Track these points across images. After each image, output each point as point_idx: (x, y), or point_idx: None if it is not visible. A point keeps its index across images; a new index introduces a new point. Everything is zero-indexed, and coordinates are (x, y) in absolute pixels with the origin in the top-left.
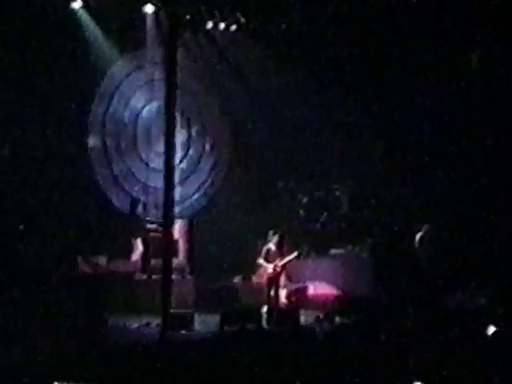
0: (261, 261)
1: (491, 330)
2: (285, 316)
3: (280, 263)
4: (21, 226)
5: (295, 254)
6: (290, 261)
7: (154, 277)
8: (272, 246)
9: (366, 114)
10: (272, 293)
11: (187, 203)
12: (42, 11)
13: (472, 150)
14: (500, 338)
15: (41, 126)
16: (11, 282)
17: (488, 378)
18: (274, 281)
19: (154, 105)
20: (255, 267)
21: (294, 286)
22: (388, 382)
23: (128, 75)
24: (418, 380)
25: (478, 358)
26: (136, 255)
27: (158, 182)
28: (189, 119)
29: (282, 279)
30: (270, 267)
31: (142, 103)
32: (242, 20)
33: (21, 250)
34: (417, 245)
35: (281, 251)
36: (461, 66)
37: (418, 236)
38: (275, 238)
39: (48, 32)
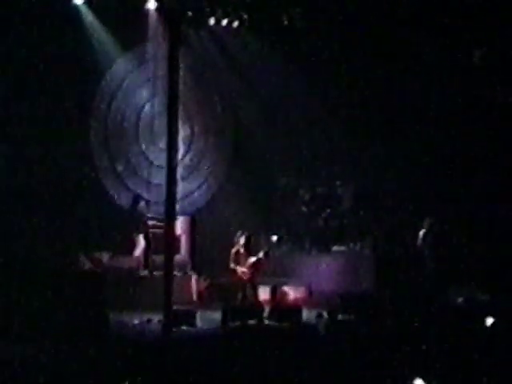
0: (232, 265)
1: (489, 321)
2: (286, 312)
3: (247, 264)
4: (23, 223)
5: (261, 254)
6: (259, 260)
7: (155, 273)
8: (240, 247)
9: (367, 111)
10: (248, 293)
11: (189, 199)
12: (44, 7)
13: (475, 146)
14: (501, 334)
15: (42, 123)
16: (13, 279)
17: (488, 376)
18: (246, 282)
19: (157, 101)
20: (229, 271)
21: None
22: (389, 378)
23: (130, 71)
24: (418, 377)
25: (480, 355)
26: (138, 251)
27: (160, 178)
28: (191, 115)
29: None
30: (240, 269)
31: (145, 99)
32: (245, 16)
33: (22, 246)
34: (420, 241)
35: (248, 252)
36: (463, 64)
37: (421, 232)
38: (242, 239)
39: (50, 28)
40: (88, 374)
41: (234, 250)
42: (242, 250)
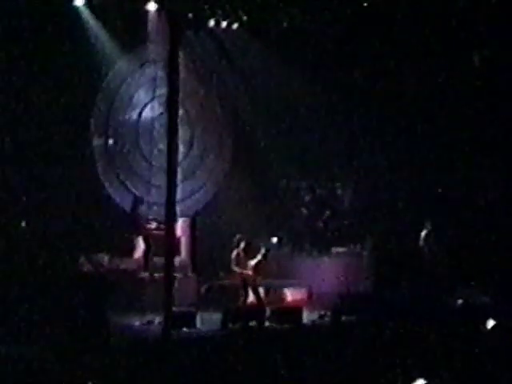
0: (234, 267)
1: (490, 323)
2: (287, 314)
3: (249, 267)
4: (23, 224)
5: (259, 256)
6: (260, 262)
7: (156, 275)
8: (240, 251)
9: (367, 112)
10: (250, 294)
11: (190, 201)
12: (44, 9)
13: (475, 147)
14: (502, 335)
15: (43, 124)
16: (13, 281)
17: (489, 376)
18: (249, 283)
19: (157, 102)
20: (230, 273)
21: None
22: (390, 379)
23: (130, 73)
24: (420, 377)
25: (481, 356)
26: (138, 253)
27: (160, 179)
28: (191, 117)
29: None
30: (244, 272)
31: (145, 101)
32: (244, 18)
33: (23, 248)
34: (422, 243)
35: (247, 255)
36: (463, 65)
37: (422, 234)
38: (242, 244)
39: (50, 30)
40: (88, 375)
41: (234, 254)
42: (241, 254)
